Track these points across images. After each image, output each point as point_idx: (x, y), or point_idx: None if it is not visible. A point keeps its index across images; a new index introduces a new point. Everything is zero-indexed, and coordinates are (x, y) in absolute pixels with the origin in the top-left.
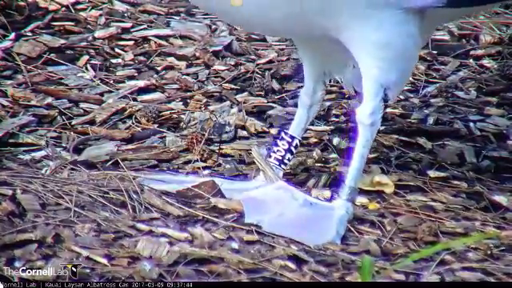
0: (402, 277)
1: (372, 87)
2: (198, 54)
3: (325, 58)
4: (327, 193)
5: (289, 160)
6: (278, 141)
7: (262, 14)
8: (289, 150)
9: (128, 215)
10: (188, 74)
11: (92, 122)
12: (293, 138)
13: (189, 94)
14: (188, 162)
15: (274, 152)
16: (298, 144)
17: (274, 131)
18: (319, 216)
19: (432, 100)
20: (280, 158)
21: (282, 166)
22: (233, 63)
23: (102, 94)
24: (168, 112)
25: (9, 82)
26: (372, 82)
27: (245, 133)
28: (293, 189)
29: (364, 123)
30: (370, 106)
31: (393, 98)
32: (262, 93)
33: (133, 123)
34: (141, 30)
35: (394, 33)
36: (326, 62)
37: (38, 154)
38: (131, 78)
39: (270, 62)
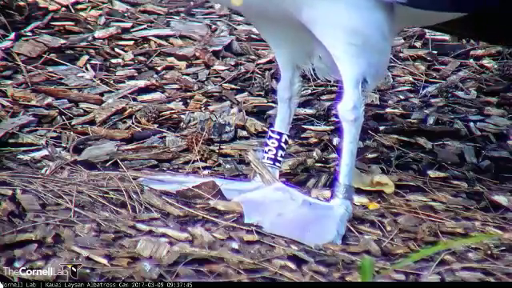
0: (402, 277)
1: (349, 77)
2: (197, 54)
3: (293, 50)
4: (327, 193)
5: (282, 157)
6: (267, 140)
7: None
8: (279, 147)
9: (128, 215)
10: (188, 74)
11: (92, 122)
12: (280, 134)
13: (189, 93)
14: (188, 162)
15: (265, 152)
16: (288, 139)
17: None
18: (319, 216)
19: (432, 100)
20: (273, 156)
21: (277, 164)
22: (233, 63)
23: (101, 94)
24: (168, 112)
25: (9, 81)
26: (348, 71)
27: (245, 133)
28: (291, 189)
29: (347, 119)
30: (350, 100)
31: (369, 91)
32: (262, 93)
33: (133, 123)
34: (141, 30)
35: (361, 20)
36: (295, 54)
37: (37, 154)
38: (131, 77)
39: (270, 62)
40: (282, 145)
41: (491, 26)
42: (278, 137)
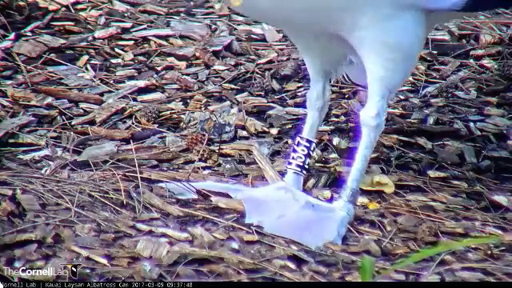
0: (402, 277)
1: (378, 89)
2: (197, 54)
3: (326, 57)
4: (327, 193)
5: (308, 164)
6: (296, 147)
7: (284, 4)
8: (308, 155)
9: (128, 215)
10: (188, 74)
11: (92, 122)
12: (310, 142)
13: (189, 93)
14: (188, 162)
15: (293, 159)
16: (315, 147)
17: (274, 131)
18: (320, 218)
19: (432, 100)
20: (301, 164)
21: (304, 171)
22: (233, 63)
23: (101, 94)
24: (168, 112)
25: (9, 82)
26: (379, 83)
27: (245, 133)
28: (294, 189)
29: (369, 125)
30: (376, 107)
31: (392, 99)
32: (262, 93)
33: (133, 123)
34: (141, 30)
35: (405, 34)
36: (327, 63)
37: (37, 154)
38: (131, 77)
39: (270, 62)
40: (311, 153)
41: None
42: (308, 144)
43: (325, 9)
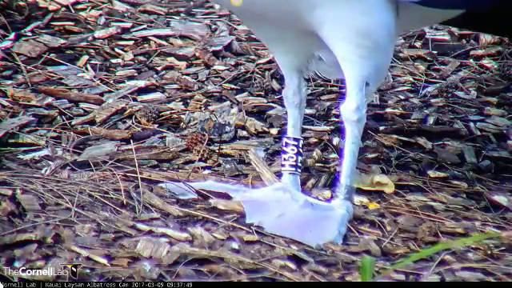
0: (402, 277)
1: (354, 80)
2: (197, 54)
3: (298, 56)
4: (327, 193)
5: (301, 162)
6: (285, 148)
7: None
8: (298, 153)
9: (128, 215)
10: (188, 74)
11: (92, 122)
12: (297, 140)
13: (189, 93)
14: (188, 162)
15: (285, 160)
16: (303, 144)
17: (274, 131)
18: (320, 216)
19: (432, 100)
20: (294, 163)
21: (298, 170)
22: (233, 63)
23: (101, 94)
24: (168, 112)
25: (9, 82)
26: (353, 73)
27: (245, 133)
28: (292, 190)
29: (350, 120)
30: (355, 101)
31: (371, 93)
32: (262, 93)
33: (133, 123)
34: (141, 29)
35: (372, 21)
36: (299, 60)
37: (37, 154)
38: (131, 77)
39: (270, 62)
40: (300, 150)
41: (496, 18)
42: (296, 143)
43: None
